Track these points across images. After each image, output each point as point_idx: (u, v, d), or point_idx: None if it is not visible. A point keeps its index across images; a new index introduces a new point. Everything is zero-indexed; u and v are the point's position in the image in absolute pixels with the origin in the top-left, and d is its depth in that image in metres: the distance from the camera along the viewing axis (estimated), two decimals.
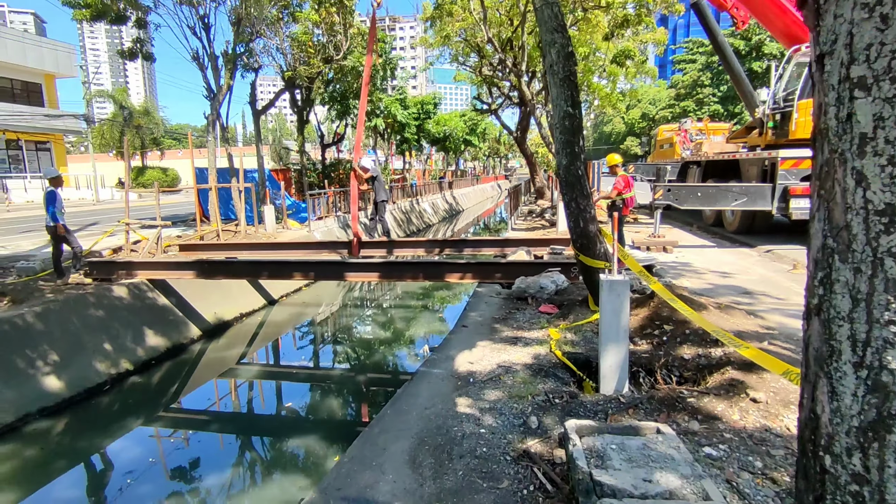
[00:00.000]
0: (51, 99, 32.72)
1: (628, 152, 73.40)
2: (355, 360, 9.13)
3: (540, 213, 18.42)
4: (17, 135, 30.24)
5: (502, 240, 10.45)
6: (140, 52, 14.32)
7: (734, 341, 3.14)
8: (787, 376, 2.55)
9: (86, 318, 7.67)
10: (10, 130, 29.31)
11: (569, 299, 6.52)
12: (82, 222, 17.32)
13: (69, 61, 32.96)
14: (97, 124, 33.49)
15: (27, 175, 31.48)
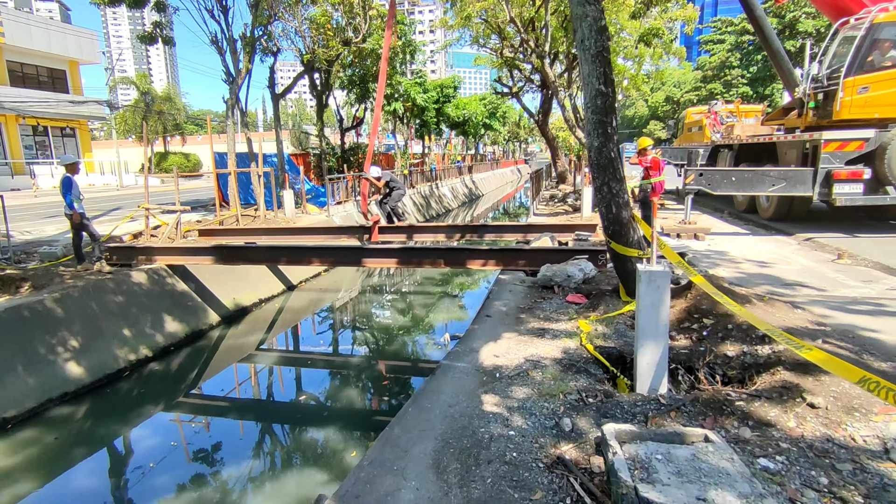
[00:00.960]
0: (75, 85, 33.04)
1: (651, 136, 71.76)
2: (374, 348, 8.97)
3: (562, 198, 17.96)
4: (42, 121, 30.65)
5: (525, 225, 10.11)
6: (160, 36, 14.19)
7: (793, 342, 2.81)
8: (865, 385, 2.23)
9: (105, 303, 7.61)
10: (37, 117, 29.72)
11: (597, 289, 6.20)
12: (105, 207, 17.45)
13: (92, 47, 33.17)
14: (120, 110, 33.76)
15: (53, 161, 31.95)
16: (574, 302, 5.82)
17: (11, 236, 11.60)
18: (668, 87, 62.95)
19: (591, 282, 6.53)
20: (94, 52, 33.22)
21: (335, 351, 8.99)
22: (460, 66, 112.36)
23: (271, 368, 8.39)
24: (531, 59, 19.80)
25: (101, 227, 11.71)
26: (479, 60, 25.76)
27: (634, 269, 5.07)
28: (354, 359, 8.54)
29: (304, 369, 8.42)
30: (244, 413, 6.99)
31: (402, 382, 7.61)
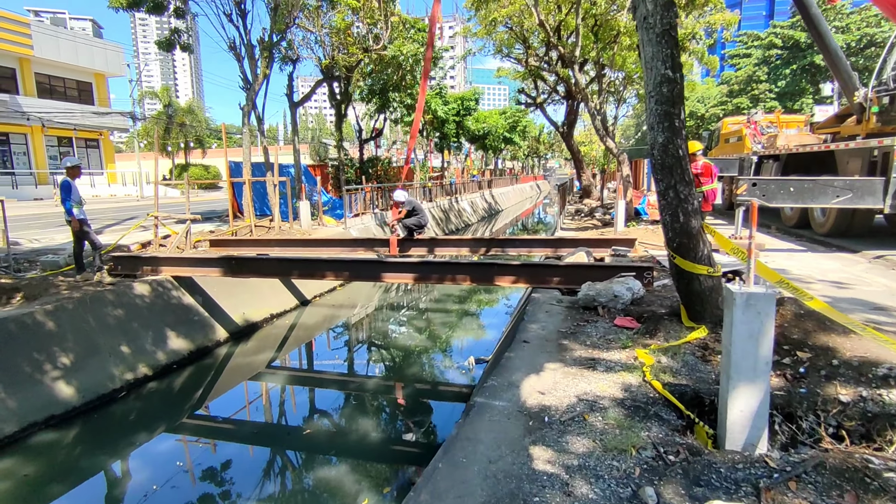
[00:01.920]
0: (101, 97, 33.41)
1: None
2: (392, 369, 8.22)
3: (589, 212, 17.14)
4: (67, 132, 30.92)
5: (555, 239, 9.34)
6: (178, 42, 13.88)
7: None
8: None
9: (102, 317, 7.02)
10: (62, 128, 29.99)
11: (649, 311, 5.38)
12: (120, 217, 17.14)
13: (118, 60, 33.60)
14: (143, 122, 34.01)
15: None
16: (624, 326, 5.02)
17: (19, 244, 11.23)
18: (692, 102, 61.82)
19: (640, 303, 5.72)
20: (119, 65, 33.64)
21: (350, 372, 8.27)
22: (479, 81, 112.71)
23: (280, 390, 7.69)
24: (556, 69, 19.18)
25: (112, 236, 11.26)
26: (502, 72, 25.23)
27: (703, 290, 4.29)
28: (371, 381, 7.80)
29: (316, 392, 7.71)
30: (246, 440, 6.28)
31: (422, 410, 6.83)
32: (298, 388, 7.85)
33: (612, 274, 6.43)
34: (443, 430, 6.04)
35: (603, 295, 5.60)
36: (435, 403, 7.09)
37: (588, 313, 5.60)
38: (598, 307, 5.60)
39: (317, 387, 7.88)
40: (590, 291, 5.70)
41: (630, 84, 21.22)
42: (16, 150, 29.47)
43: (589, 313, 5.61)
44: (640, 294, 5.76)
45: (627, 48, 15.36)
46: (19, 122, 26.60)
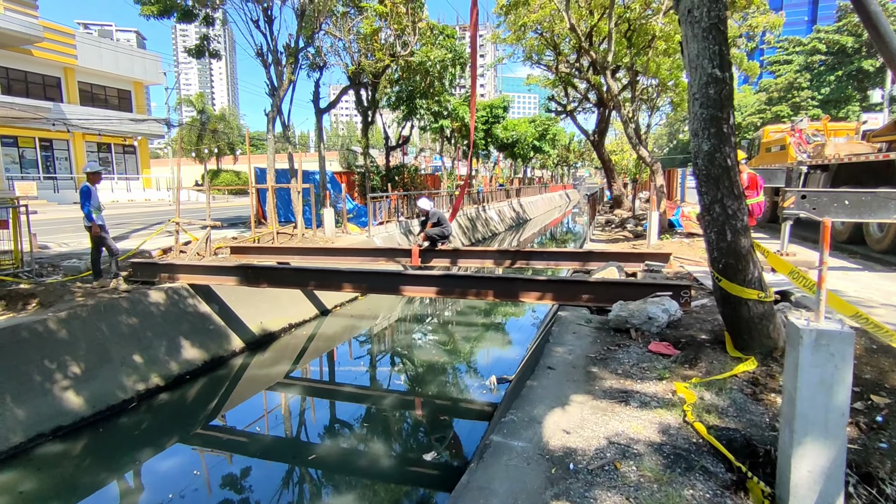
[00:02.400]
0: (139, 105, 34.42)
1: None
2: (412, 386, 7.85)
3: (620, 223, 16.51)
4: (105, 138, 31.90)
5: (584, 252, 8.85)
6: (207, 49, 13.98)
7: None
8: None
9: (116, 325, 6.88)
10: (103, 134, 30.97)
11: (687, 335, 4.88)
12: (148, 221, 17.38)
13: (156, 69, 34.57)
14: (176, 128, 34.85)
15: (114, 176, 33.18)
16: (660, 353, 4.53)
17: (48, 247, 11.37)
18: None
19: (678, 326, 5.22)
20: (157, 73, 34.61)
21: (368, 386, 7.93)
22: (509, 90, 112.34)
23: (295, 403, 7.41)
24: (587, 76, 18.66)
25: (136, 241, 11.28)
26: (531, 80, 24.81)
27: (753, 317, 3.79)
28: (389, 397, 7.43)
29: (332, 406, 7.41)
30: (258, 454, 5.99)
31: (440, 428, 6.43)
32: (314, 401, 7.56)
33: (646, 292, 5.94)
34: (465, 448, 5.69)
35: (636, 316, 5.12)
36: (455, 421, 6.71)
37: (620, 336, 5.13)
38: (630, 329, 5.13)
39: (333, 400, 7.59)
40: (622, 312, 5.23)
41: (664, 91, 20.51)
42: (58, 156, 30.56)
43: (621, 336, 5.14)
44: (677, 316, 5.25)
45: (663, 53, 14.77)
46: (60, 129, 27.52)
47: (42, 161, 29.39)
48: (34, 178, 28.27)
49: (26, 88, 28.22)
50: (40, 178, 28.58)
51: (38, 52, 27.62)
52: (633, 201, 18.90)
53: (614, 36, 12.31)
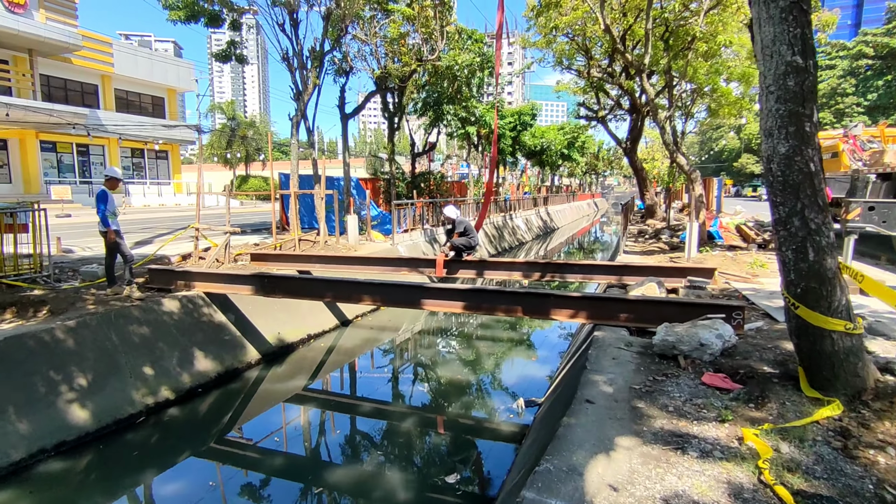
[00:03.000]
0: (171, 111, 35.10)
1: (743, 171, 66.41)
2: (434, 406, 7.35)
3: (654, 234, 15.75)
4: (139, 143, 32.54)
5: (620, 266, 8.23)
6: (233, 54, 13.89)
7: None
8: None
9: (126, 335, 6.61)
10: (136, 140, 31.62)
11: (745, 366, 4.27)
12: (176, 226, 17.39)
13: (188, 76, 35.22)
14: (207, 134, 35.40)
15: (147, 181, 33.83)
16: (716, 387, 3.94)
17: (72, 251, 11.32)
18: None
19: (733, 354, 4.60)
20: (189, 81, 35.25)
21: (388, 403, 7.46)
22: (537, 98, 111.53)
23: (310, 420, 7.00)
24: (620, 81, 17.99)
25: (157, 246, 11.14)
26: (561, 87, 24.17)
27: (837, 351, 3.17)
28: (409, 416, 6.95)
29: (349, 423, 6.97)
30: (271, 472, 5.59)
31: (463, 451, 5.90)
32: (331, 416, 7.14)
33: (692, 313, 5.33)
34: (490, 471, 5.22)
35: (686, 342, 4.52)
36: (478, 442, 6.20)
37: (666, 364, 4.55)
38: (679, 357, 4.53)
39: (351, 416, 7.15)
40: (668, 336, 4.64)
41: (701, 97, 19.64)
42: (94, 161, 31.27)
43: (667, 364, 4.55)
44: (731, 342, 4.64)
45: (703, 56, 14.03)
46: (95, 134, 28.15)
47: (79, 166, 30.12)
48: (70, 182, 28.98)
49: (66, 95, 29.02)
50: (76, 182, 29.27)
51: (77, 61, 28.39)
52: (668, 211, 18.08)
53: (651, 38, 11.68)
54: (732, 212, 17.34)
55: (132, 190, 32.32)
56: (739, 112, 19.23)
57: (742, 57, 17.17)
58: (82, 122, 26.36)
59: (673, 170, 23.39)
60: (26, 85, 26.00)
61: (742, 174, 66.38)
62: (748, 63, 17.42)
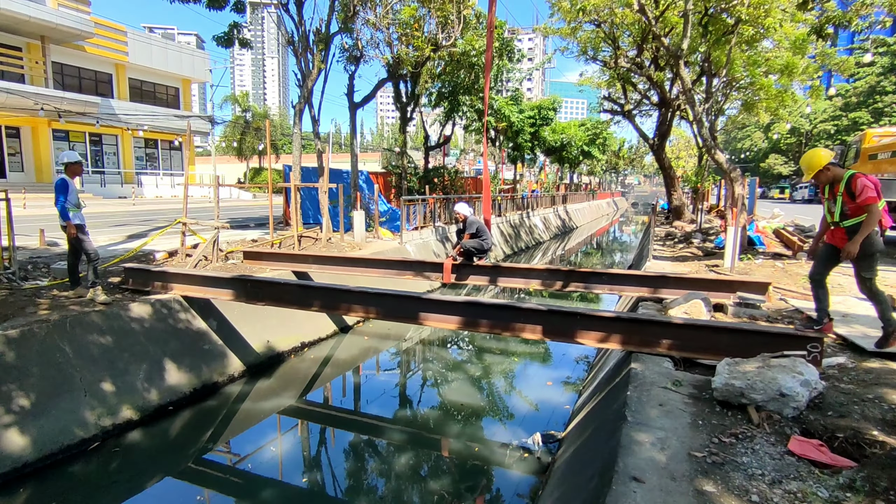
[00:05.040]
0: (185, 102, 34.60)
1: (770, 172, 64.04)
2: (438, 431, 6.33)
3: (683, 237, 14.50)
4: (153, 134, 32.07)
5: (656, 277, 7.13)
6: (237, 38, 13.02)
7: None
8: None
9: (83, 346, 5.72)
10: (151, 130, 31.15)
11: (847, 427, 3.17)
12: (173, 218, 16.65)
13: (203, 66, 34.66)
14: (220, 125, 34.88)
15: (160, 172, 33.40)
16: (813, 460, 2.86)
17: (57, 244, 10.56)
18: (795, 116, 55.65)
19: (822, 406, 3.50)
20: (205, 71, 34.67)
21: (388, 420, 6.48)
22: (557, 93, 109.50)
23: (294, 443, 6.05)
24: (648, 72, 16.72)
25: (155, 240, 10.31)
26: (584, 81, 22.87)
27: None
28: (410, 442, 5.95)
29: (340, 447, 6.02)
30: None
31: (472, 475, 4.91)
32: (320, 437, 6.21)
33: (757, 343, 4.24)
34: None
35: (759, 389, 3.44)
36: (488, 473, 5.21)
37: (731, 415, 3.48)
38: (750, 408, 3.45)
39: (342, 437, 6.21)
40: (734, 380, 3.55)
41: (740, 91, 18.24)
42: (107, 151, 30.92)
43: (733, 415, 3.48)
44: (818, 389, 3.53)
45: (748, 41, 12.72)
46: (108, 124, 27.70)
47: (91, 155, 29.75)
48: (83, 171, 28.63)
49: (79, 84, 28.63)
50: (88, 171, 28.89)
51: (90, 49, 27.95)
52: (698, 213, 16.79)
53: (691, 19, 10.44)
54: (770, 214, 15.99)
55: (145, 181, 31.91)
56: (780, 107, 17.76)
57: (784, 47, 15.76)
58: (94, 111, 25.91)
59: (701, 169, 22.00)
60: (39, 72, 25.61)
61: (769, 175, 64.00)
62: (790, 54, 16.02)
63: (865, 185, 4.42)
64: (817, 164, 4.75)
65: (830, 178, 4.73)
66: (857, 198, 4.44)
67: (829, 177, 4.74)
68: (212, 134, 31.27)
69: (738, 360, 3.85)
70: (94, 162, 29.92)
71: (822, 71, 17.83)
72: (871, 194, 4.40)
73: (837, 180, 4.66)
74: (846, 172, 4.62)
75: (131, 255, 8.58)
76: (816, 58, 16.72)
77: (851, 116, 39.58)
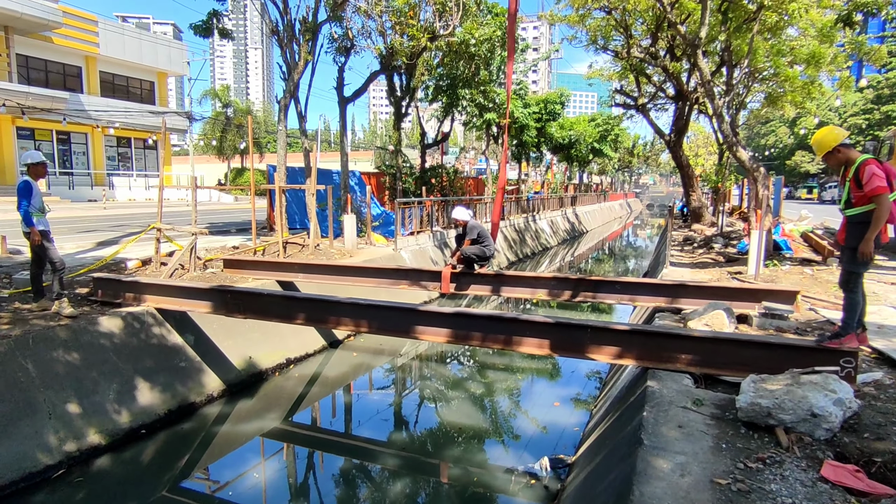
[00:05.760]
0: (161, 97, 34.68)
1: (797, 170, 64.25)
2: (437, 451, 6.29)
3: (703, 242, 14.52)
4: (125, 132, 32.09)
5: (672, 285, 7.11)
6: (216, 27, 13.05)
7: None
8: None
9: (48, 364, 5.69)
10: (126, 128, 31.18)
11: (885, 451, 3.14)
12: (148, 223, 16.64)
13: (181, 59, 34.75)
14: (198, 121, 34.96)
15: (133, 173, 33.42)
16: (847, 488, 2.83)
17: (20, 252, 10.53)
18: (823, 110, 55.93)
19: (857, 427, 3.47)
20: (182, 64, 34.78)
21: (381, 443, 6.43)
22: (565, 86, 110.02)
23: (276, 471, 6.00)
24: (664, 62, 16.79)
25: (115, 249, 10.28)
26: (593, 73, 22.95)
27: None
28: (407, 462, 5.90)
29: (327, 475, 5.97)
30: None
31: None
32: (305, 462, 6.15)
33: (786, 358, 4.23)
34: None
35: (788, 409, 3.41)
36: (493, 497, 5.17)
37: (758, 437, 3.45)
38: (777, 430, 3.42)
39: (331, 465, 6.17)
40: (761, 399, 3.53)
41: (763, 82, 18.32)
42: (76, 150, 30.93)
43: (759, 437, 3.45)
44: (853, 409, 3.51)
45: (771, 29, 12.78)
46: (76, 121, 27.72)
47: (58, 155, 29.76)
48: (49, 173, 28.65)
49: (46, 78, 28.68)
50: (55, 173, 28.89)
51: (58, 40, 28.03)
52: (719, 215, 16.82)
53: (709, 5, 10.50)
54: (797, 216, 16.02)
55: (116, 183, 31.93)
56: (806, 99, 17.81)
57: (810, 35, 15.85)
58: (62, 106, 25.96)
59: (722, 167, 22.05)
60: (2, 66, 25.68)
61: (795, 174, 64.20)
62: (817, 42, 16.10)
63: (874, 174, 4.19)
64: (828, 143, 4.54)
65: (843, 160, 4.52)
66: (864, 186, 4.24)
67: (841, 160, 4.52)
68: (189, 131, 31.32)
69: (764, 376, 3.82)
70: (62, 162, 29.92)
71: (851, 61, 17.88)
72: (880, 183, 4.16)
73: (850, 164, 4.44)
74: (860, 157, 4.41)
75: (101, 264, 8.56)
76: (845, 46, 16.82)
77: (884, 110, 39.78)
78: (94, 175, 31.23)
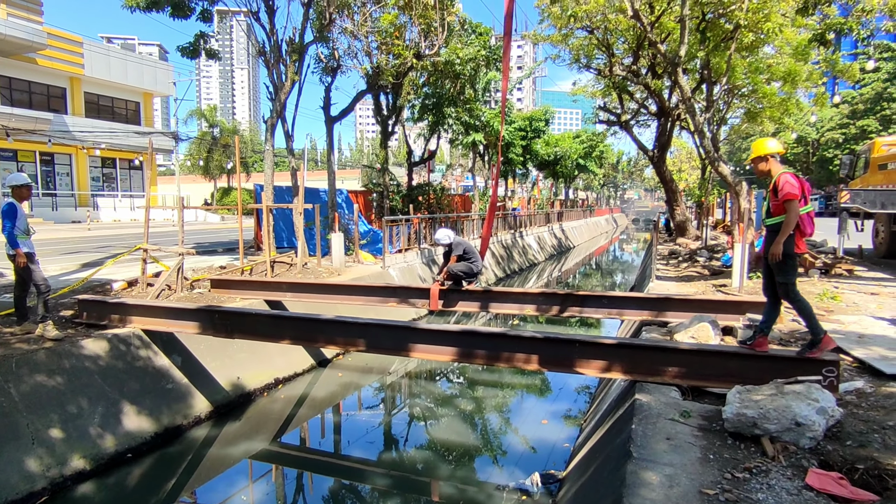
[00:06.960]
0: (147, 117, 34.60)
1: None
2: (429, 469, 6.26)
3: (688, 255, 14.70)
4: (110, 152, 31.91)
5: (658, 299, 7.21)
6: (203, 49, 13.13)
7: None
8: None
9: (31, 388, 5.60)
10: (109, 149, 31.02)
11: (867, 457, 3.21)
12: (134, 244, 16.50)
13: (166, 79, 34.77)
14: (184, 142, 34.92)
15: (118, 194, 33.17)
16: (832, 495, 2.88)
17: (3, 275, 10.40)
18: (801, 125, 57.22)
19: (840, 435, 3.54)
20: (167, 84, 34.79)
21: (371, 463, 6.38)
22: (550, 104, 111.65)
23: (266, 497, 5.93)
24: (646, 80, 17.14)
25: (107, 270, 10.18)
26: (577, 90, 23.34)
27: None
28: (396, 484, 5.87)
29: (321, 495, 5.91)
30: None
31: None
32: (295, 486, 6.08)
33: (770, 369, 4.31)
34: None
35: (773, 419, 3.47)
36: None
37: (744, 447, 3.50)
38: (763, 439, 3.48)
39: (320, 486, 6.12)
40: (746, 409, 3.59)
41: (742, 99, 18.75)
42: (59, 171, 30.68)
43: (745, 447, 3.50)
44: (836, 417, 3.58)
45: (748, 47, 13.14)
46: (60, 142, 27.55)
47: (42, 176, 29.49)
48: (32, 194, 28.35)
49: (30, 99, 28.53)
50: (39, 194, 28.59)
51: (42, 61, 27.95)
52: (703, 228, 17.08)
53: (688, 24, 10.80)
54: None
55: (101, 204, 31.66)
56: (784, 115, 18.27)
57: (786, 53, 16.30)
58: (45, 128, 25.81)
59: (705, 182, 22.43)
60: None
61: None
62: (793, 60, 16.57)
63: (787, 182, 4.40)
64: (756, 151, 4.73)
65: (767, 171, 4.69)
66: (779, 193, 4.43)
67: (766, 170, 4.70)
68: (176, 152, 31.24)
69: (749, 387, 3.89)
70: (46, 184, 29.64)
71: (826, 77, 18.39)
72: (791, 190, 4.36)
73: (772, 177, 4.61)
74: (781, 169, 4.59)
75: (86, 286, 8.47)
76: (820, 64, 17.31)
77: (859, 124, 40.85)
78: (79, 196, 30.95)
